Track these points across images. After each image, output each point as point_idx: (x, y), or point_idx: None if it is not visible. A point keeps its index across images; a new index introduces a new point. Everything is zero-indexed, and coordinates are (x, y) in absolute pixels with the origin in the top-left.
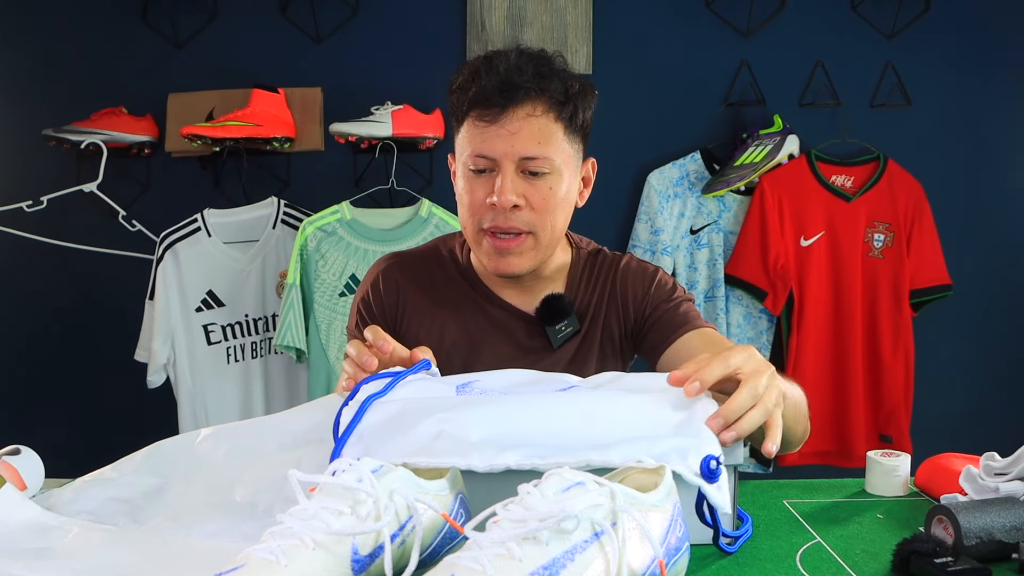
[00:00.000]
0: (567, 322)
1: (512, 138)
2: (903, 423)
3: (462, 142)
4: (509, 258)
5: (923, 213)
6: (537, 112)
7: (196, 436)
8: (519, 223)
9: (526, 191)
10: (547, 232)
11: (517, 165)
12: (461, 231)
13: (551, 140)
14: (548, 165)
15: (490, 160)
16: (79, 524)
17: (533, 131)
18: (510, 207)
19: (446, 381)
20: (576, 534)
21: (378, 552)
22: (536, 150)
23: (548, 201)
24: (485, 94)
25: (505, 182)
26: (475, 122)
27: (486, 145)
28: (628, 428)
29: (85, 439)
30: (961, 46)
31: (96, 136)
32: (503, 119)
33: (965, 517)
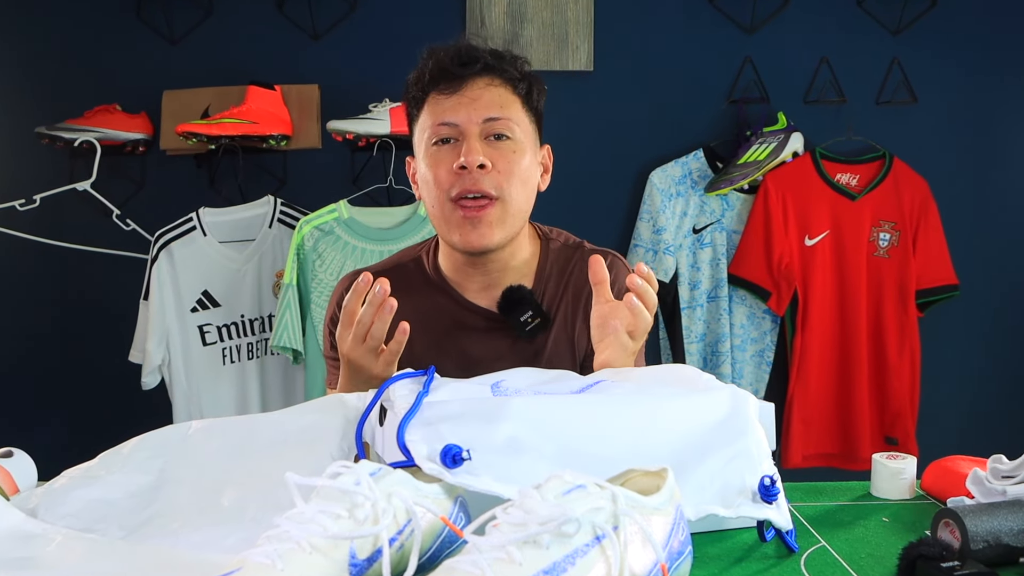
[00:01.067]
0: (531, 312)
1: (474, 103)
2: (909, 425)
3: (423, 123)
4: (480, 228)
5: (929, 212)
6: (496, 83)
7: (187, 428)
8: (487, 185)
9: (491, 154)
10: (513, 200)
11: (481, 129)
12: (420, 246)
13: (511, 107)
14: (510, 129)
15: (453, 127)
16: (62, 533)
17: (493, 97)
18: (477, 166)
19: (476, 381)
20: (577, 538)
21: (376, 556)
22: (498, 112)
23: (513, 164)
24: (444, 67)
25: (471, 142)
26: (436, 96)
27: (449, 113)
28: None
29: (79, 441)
30: (968, 42)
31: (90, 134)
32: (464, 88)
33: (972, 520)
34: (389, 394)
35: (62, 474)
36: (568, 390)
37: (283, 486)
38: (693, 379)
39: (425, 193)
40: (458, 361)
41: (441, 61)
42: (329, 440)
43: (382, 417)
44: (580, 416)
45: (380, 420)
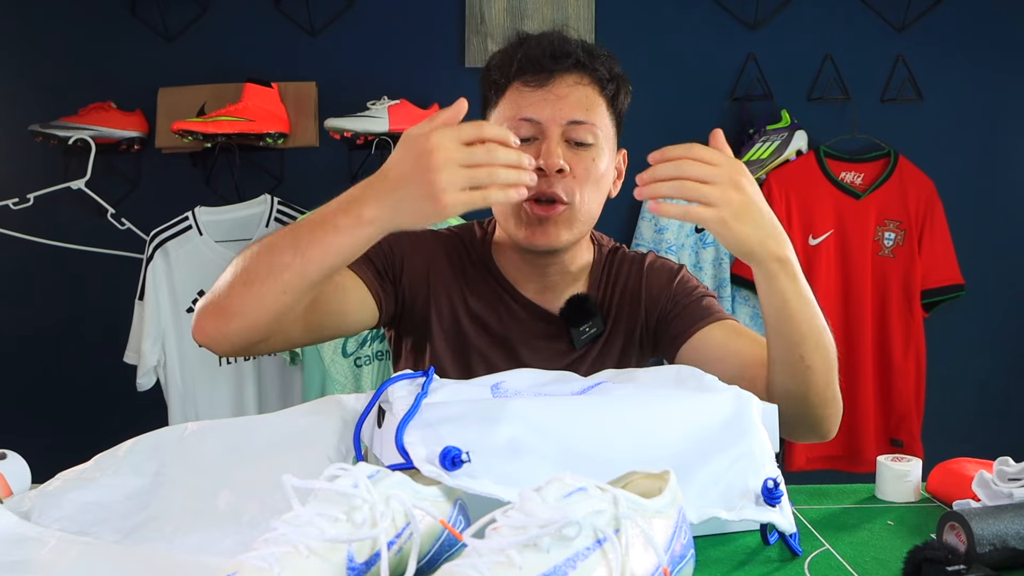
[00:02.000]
0: (591, 323)
1: (560, 102)
2: (914, 427)
3: (503, 111)
4: (547, 227)
5: (935, 211)
6: (584, 82)
7: (183, 430)
8: (559, 189)
9: (570, 159)
10: (584, 207)
11: (563, 132)
12: (475, 223)
13: (596, 110)
14: (593, 134)
15: (536, 124)
16: (56, 535)
17: (580, 98)
18: (556, 170)
19: (476, 383)
20: (578, 541)
21: (374, 560)
22: (584, 115)
23: (590, 172)
24: (534, 58)
25: (552, 144)
26: (520, 88)
27: (533, 109)
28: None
29: (73, 443)
30: (974, 38)
31: (84, 132)
32: (551, 84)
33: (978, 524)
34: (387, 395)
35: (56, 476)
36: (569, 391)
37: (280, 489)
38: (696, 380)
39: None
40: (506, 350)
41: (532, 52)
42: (326, 442)
43: (380, 419)
44: (581, 418)
45: (378, 421)
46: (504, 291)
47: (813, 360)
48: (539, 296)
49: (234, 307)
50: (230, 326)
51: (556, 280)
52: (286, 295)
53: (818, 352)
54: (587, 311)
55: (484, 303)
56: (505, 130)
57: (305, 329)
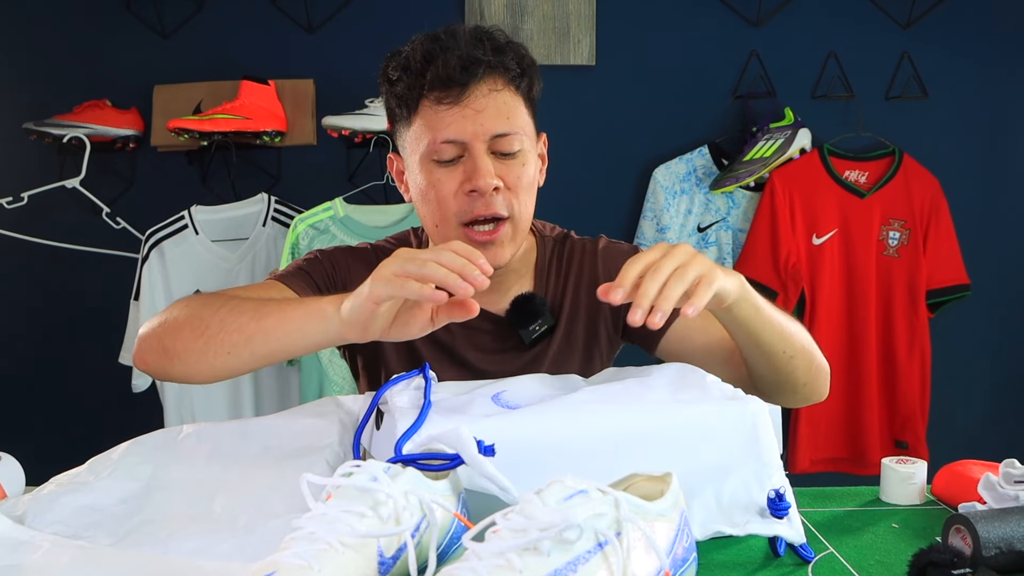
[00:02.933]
0: (540, 321)
1: (479, 116)
2: (919, 429)
3: (418, 132)
4: (493, 250)
5: (940, 210)
6: (498, 86)
7: (178, 432)
8: (499, 207)
9: (500, 172)
10: (523, 217)
11: (488, 145)
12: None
13: (517, 114)
14: (519, 142)
15: (458, 145)
16: (50, 539)
17: (499, 107)
18: (491, 190)
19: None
20: (579, 544)
21: (399, 554)
22: (506, 125)
23: (522, 180)
24: (445, 74)
25: (482, 163)
26: (434, 106)
27: (452, 129)
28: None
29: (67, 446)
30: (980, 35)
31: (79, 130)
32: (466, 98)
33: (984, 526)
34: (386, 398)
35: (50, 480)
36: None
37: (277, 492)
38: (699, 384)
39: (425, 209)
40: (455, 360)
41: (441, 68)
42: (324, 445)
43: (379, 421)
44: (582, 432)
45: (376, 423)
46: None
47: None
48: (483, 298)
49: (178, 352)
50: (172, 369)
51: (497, 280)
52: (230, 356)
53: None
54: (533, 311)
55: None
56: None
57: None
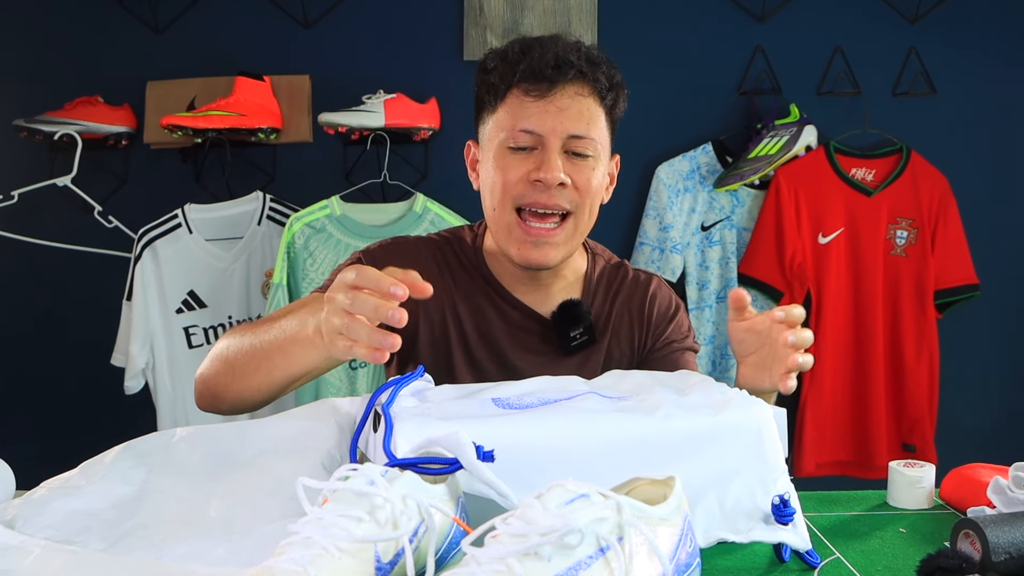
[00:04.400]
0: (583, 330)
1: (561, 114)
2: (927, 431)
3: (502, 119)
4: (543, 248)
5: (948, 208)
6: (584, 93)
7: (172, 436)
8: (563, 201)
9: (570, 171)
10: (584, 219)
11: (563, 144)
12: (466, 227)
13: (596, 123)
14: (592, 147)
15: (536, 136)
16: (41, 545)
17: (581, 110)
18: (556, 184)
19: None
20: (580, 549)
21: (396, 559)
22: (584, 129)
23: (591, 183)
24: (537, 67)
25: (553, 157)
26: (521, 97)
27: (533, 120)
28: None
29: (58, 450)
30: (989, 30)
31: (70, 127)
32: (552, 95)
33: (993, 531)
34: (383, 399)
35: (41, 484)
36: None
37: (272, 496)
38: (703, 389)
39: (487, 194)
40: (503, 355)
41: (535, 63)
42: (320, 448)
43: (376, 423)
44: (584, 435)
45: (374, 426)
46: (495, 292)
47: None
48: (530, 297)
49: (222, 394)
50: (223, 407)
51: (549, 283)
52: (261, 392)
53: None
54: (578, 316)
55: (473, 305)
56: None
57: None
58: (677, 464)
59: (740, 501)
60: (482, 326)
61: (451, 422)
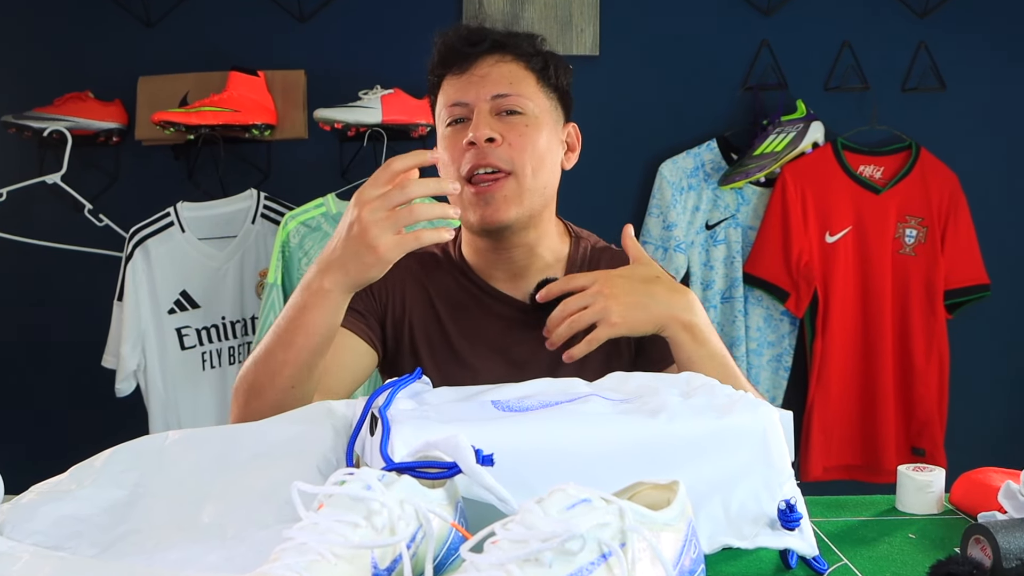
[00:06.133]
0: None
1: (483, 80)
2: (937, 435)
3: (440, 107)
4: (494, 204)
5: (959, 206)
6: (506, 60)
7: (164, 439)
8: (497, 159)
9: (501, 128)
10: (528, 175)
11: (491, 106)
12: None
13: (523, 83)
14: (521, 104)
15: (463, 106)
16: (30, 551)
17: (503, 73)
18: (484, 140)
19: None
20: (581, 556)
21: (394, 565)
22: (507, 88)
23: (525, 138)
24: (453, 46)
25: (479, 118)
26: (448, 79)
27: (458, 92)
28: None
29: (48, 453)
30: (1000, 24)
31: (60, 123)
32: (472, 67)
33: (1004, 537)
34: (379, 402)
35: (30, 489)
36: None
37: (267, 500)
38: (707, 392)
39: (442, 173)
40: (491, 347)
41: (449, 41)
42: (316, 451)
43: (373, 426)
44: (586, 439)
45: (371, 429)
46: (473, 285)
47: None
48: (509, 285)
49: (264, 408)
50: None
51: (525, 265)
52: (295, 388)
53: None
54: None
55: (454, 302)
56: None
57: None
58: (681, 468)
59: (745, 506)
60: (466, 321)
61: (450, 425)
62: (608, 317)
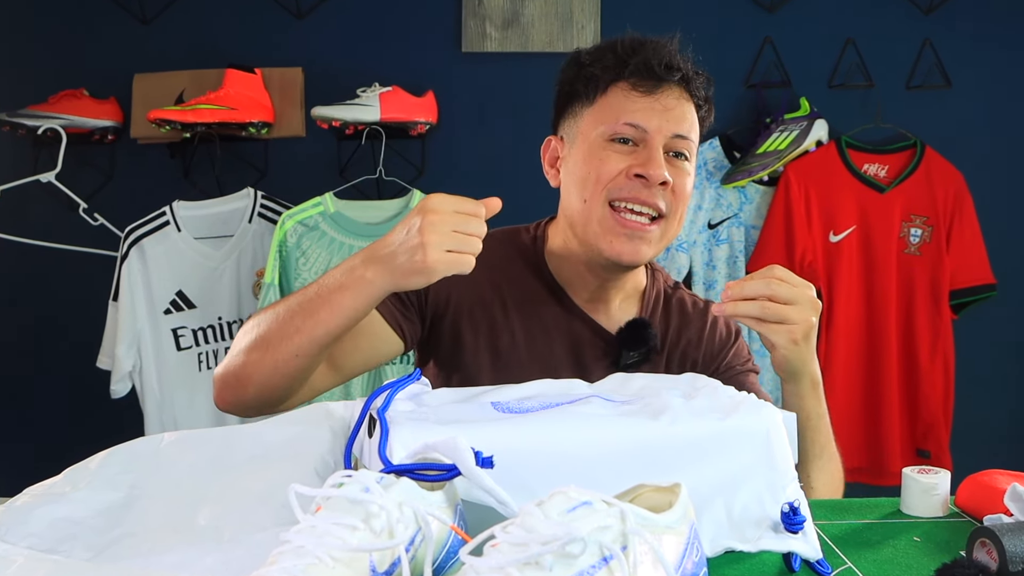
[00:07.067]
0: (646, 350)
1: (668, 113)
2: (942, 436)
3: (601, 112)
4: (637, 244)
5: (964, 205)
6: (686, 98)
7: (159, 440)
8: (660, 201)
9: (671, 172)
10: (674, 224)
11: (667, 143)
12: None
13: (694, 128)
14: (690, 150)
15: (640, 131)
16: (23, 554)
17: (684, 112)
18: (659, 182)
19: (473, 399)
20: (582, 559)
21: (392, 569)
22: (687, 131)
23: (686, 187)
24: (649, 64)
25: (658, 155)
26: (628, 91)
27: (640, 115)
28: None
29: (42, 455)
30: (1006, 21)
31: (54, 121)
32: (659, 94)
33: (1011, 540)
34: (377, 404)
35: (24, 491)
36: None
37: (264, 503)
38: (710, 394)
39: (576, 186)
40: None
41: (648, 58)
42: (313, 453)
43: (371, 428)
44: (587, 440)
45: (369, 431)
46: (554, 299)
47: (817, 483)
48: (590, 306)
49: (250, 375)
50: (248, 393)
51: (611, 293)
52: (299, 359)
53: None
54: (644, 338)
55: (528, 308)
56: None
57: (332, 376)
58: (683, 470)
59: (748, 509)
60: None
61: (449, 427)
62: (795, 331)
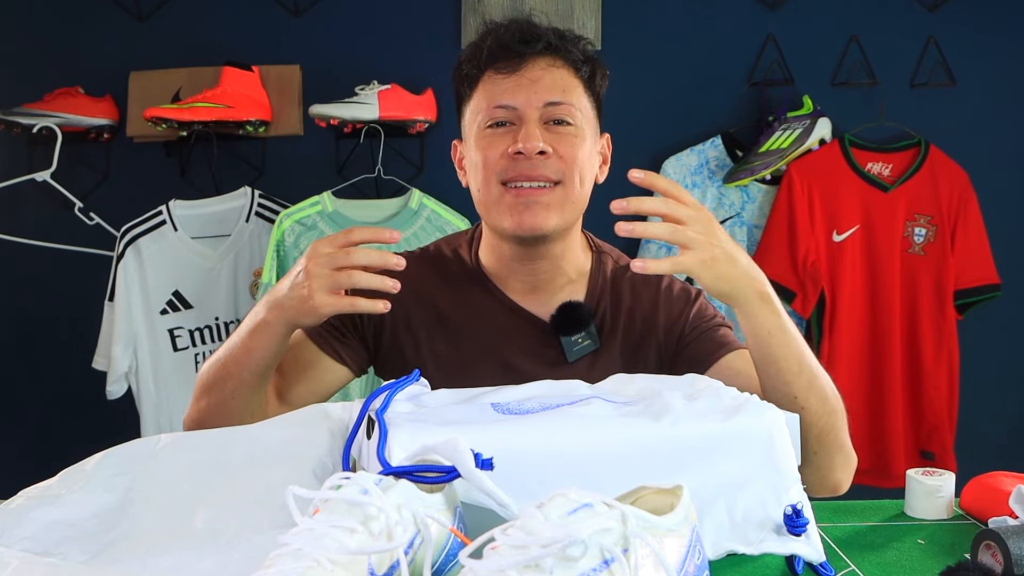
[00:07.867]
0: (585, 334)
1: (535, 85)
2: (947, 438)
3: (478, 103)
4: (535, 209)
5: (969, 205)
6: (557, 64)
7: (156, 442)
8: (547, 171)
9: (551, 140)
10: (575, 187)
11: (541, 114)
12: (462, 232)
13: (573, 91)
14: (571, 114)
15: (511, 110)
16: (19, 557)
17: (555, 79)
18: (537, 152)
19: (473, 401)
20: (583, 562)
21: (391, 571)
22: (560, 96)
23: (575, 151)
24: (504, 43)
25: (530, 127)
26: (493, 76)
27: (507, 95)
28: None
29: (37, 457)
30: (1011, 18)
31: (50, 119)
32: (523, 68)
33: (1015, 542)
34: (376, 405)
35: (19, 493)
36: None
37: (261, 505)
38: (712, 395)
39: (472, 178)
40: (501, 368)
41: (501, 38)
42: (311, 455)
43: (370, 429)
44: (588, 442)
45: (367, 432)
46: (491, 298)
47: (808, 401)
48: (528, 298)
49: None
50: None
51: (545, 279)
52: (235, 399)
53: (812, 392)
54: (579, 320)
55: (463, 310)
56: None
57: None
58: (685, 472)
59: (751, 511)
60: (476, 332)
61: (448, 428)
62: (702, 250)
